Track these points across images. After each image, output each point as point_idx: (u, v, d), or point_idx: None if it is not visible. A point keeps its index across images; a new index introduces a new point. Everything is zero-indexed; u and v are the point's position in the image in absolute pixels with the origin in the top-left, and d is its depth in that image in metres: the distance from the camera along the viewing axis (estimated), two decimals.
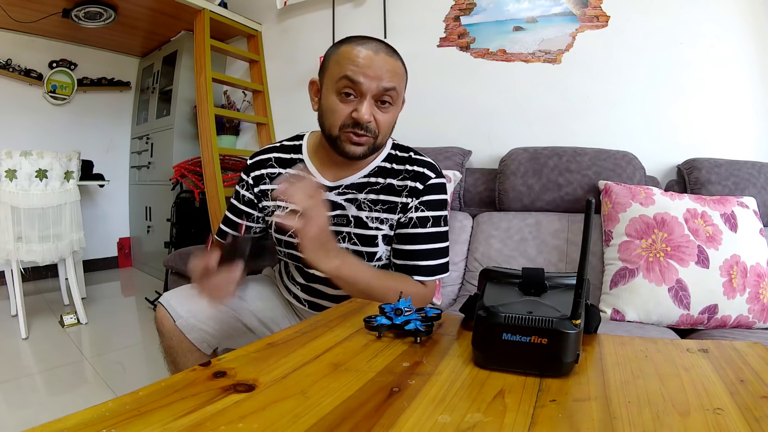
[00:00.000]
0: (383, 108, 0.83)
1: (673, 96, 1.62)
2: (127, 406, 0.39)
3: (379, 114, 0.82)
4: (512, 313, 0.47)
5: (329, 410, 0.39)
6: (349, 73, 0.79)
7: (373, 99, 0.81)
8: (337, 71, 0.81)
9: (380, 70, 0.79)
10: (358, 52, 0.80)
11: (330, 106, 0.83)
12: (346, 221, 0.91)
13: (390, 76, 0.81)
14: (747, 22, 1.51)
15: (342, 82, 0.80)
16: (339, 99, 0.81)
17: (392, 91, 0.81)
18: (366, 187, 0.91)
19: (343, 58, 0.81)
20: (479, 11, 1.92)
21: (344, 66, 0.80)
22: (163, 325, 0.89)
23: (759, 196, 1.34)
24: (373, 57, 0.79)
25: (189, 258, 1.47)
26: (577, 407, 0.41)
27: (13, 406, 1.46)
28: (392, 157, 0.94)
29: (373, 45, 0.81)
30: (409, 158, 0.93)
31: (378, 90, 0.80)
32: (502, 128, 1.89)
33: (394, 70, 0.82)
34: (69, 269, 2.22)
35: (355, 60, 0.79)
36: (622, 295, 1.20)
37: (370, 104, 0.80)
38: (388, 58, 0.81)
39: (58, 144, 2.81)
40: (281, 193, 0.72)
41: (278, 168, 0.95)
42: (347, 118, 0.81)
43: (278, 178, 0.94)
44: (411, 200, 0.90)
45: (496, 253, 1.48)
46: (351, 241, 0.91)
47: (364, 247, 0.91)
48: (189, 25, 2.58)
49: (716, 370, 0.49)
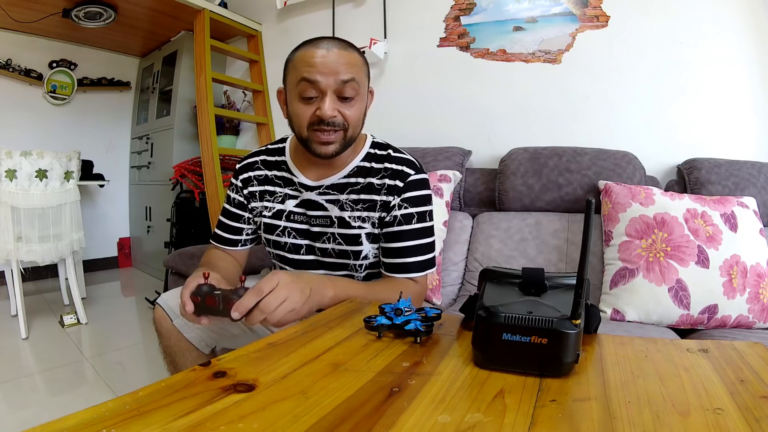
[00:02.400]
0: (347, 103, 0.84)
1: (673, 96, 1.62)
2: (127, 406, 0.39)
3: (344, 108, 0.84)
4: (512, 313, 0.47)
5: (329, 410, 0.39)
6: (306, 74, 0.81)
7: (335, 95, 0.82)
8: (295, 76, 0.83)
9: (335, 65, 0.81)
10: (311, 53, 0.82)
11: (294, 110, 0.85)
12: (330, 222, 0.93)
13: (346, 68, 0.82)
14: (747, 22, 1.51)
15: (301, 85, 0.82)
16: (302, 102, 0.83)
17: (352, 82, 0.82)
18: (347, 188, 0.93)
19: (299, 62, 0.83)
20: (479, 11, 1.92)
21: (300, 69, 0.82)
22: (161, 325, 0.89)
23: (759, 196, 1.34)
24: (325, 54, 0.81)
25: (190, 263, 1.47)
26: (577, 407, 0.41)
27: (13, 406, 1.46)
28: (371, 156, 0.95)
29: (325, 43, 0.83)
30: (388, 156, 0.94)
31: (337, 85, 0.81)
32: (502, 128, 1.89)
33: (349, 62, 0.83)
34: (69, 269, 2.22)
35: (309, 61, 0.81)
36: (622, 295, 1.20)
37: (332, 99, 0.82)
38: (342, 52, 0.82)
39: (58, 144, 2.81)
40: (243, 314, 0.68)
41: (264, 170, 0.99)
42: (312, 117, 0.83)
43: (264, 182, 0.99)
44: (393, 198, 0.91)
45: (496, 253, 1.48)
46: (336, 241, 0.94)
47: (349, 246, 0.93)
48: (189, 25, 2.58)
49: (716, 370, 0.49)
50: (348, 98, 0.84)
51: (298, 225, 0.96)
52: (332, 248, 0.94)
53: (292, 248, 0.97)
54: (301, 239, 0.96)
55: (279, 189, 0.97)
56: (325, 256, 0.96)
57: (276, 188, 0.97)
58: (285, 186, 0.96)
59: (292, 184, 0.96)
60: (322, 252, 0.96)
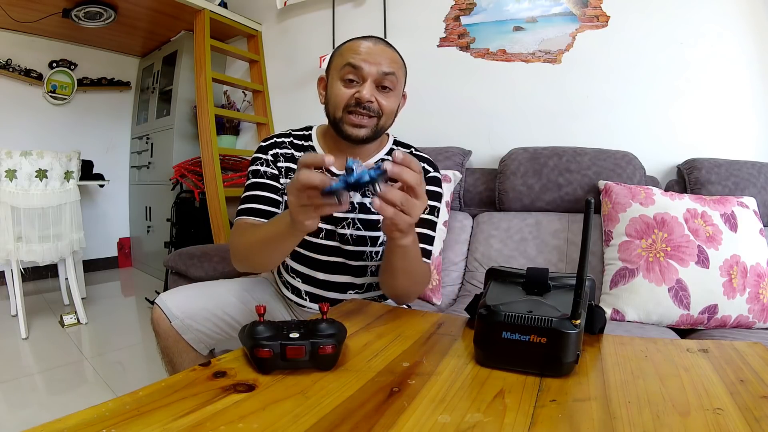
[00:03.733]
0: (385, 93, 0.88)
1: (673, 96, 1.62)
2: (127, 406, 0.39)
3: (381, 97, 0.88)
4: (512, 312, 0.47)
5: (329, 410, 0.39)
6: (352, 60, 0.86)
7: (374, 83, 0.87)
8: (341, 61, 0.88)
9: (380, 57, 0.87)
10: (359, 43, 0.88)
11: (334, 91, 0.89)
12: (351, 207, 0.94)
13: (389, 62, 0.87)
14: (747, 21, 1.51)
15: (345, 69, 0.87)
16: (343, 84, 0.88)
17: (392, 76, 0.87)
18: None
19: (346, 50, 0.89)
20: (479, 11, 1.92)
21: (346, 56, 0.87)
22: (159, 325, 0.89)
23: (759, 196, 1.34)
24: (372, 47, 0.88)
25: (190, 263, 1.47)
26: (577, 407, 0.41)
27: (13, 406, 1.46)
28: (394, 152, 0.95)
29: (373, 38, 0.90)
30: (410, 153, 0.96)
31: (378, 74, 0.86)
32: (502, 128, 1.89)
33: (392, 58, 0.89)
34: (69, 269, 2.22)
35: (356, 50, 0.87)
36: (622, 295, 1.20)
37: (371, 86, 0.87)
38: (386, 48, 0.89)
39: (58, 144, 2.81)
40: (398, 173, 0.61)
41: (292, 150, 0.98)
42: (350, 99, 0.87)
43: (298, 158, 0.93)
44: None
45: (496, 253, 1.48)
46: (355, 227, 0.94)
47: (367, 231, 0.95)
48: (189, 25, 2.58)
49: (716, 370, 0.49)
50: (386, 88, 0.88)
51: None
52: (350, 234, 0.94)
53: (314, 231, 0.95)
54: (322, 222, 0.95)
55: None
56: (344, 242, 0.95)
57: None
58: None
59: (318, 169, 0.95)
60: (341, 238, 0.95)
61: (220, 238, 2.23)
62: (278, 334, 0.48)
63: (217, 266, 1.47)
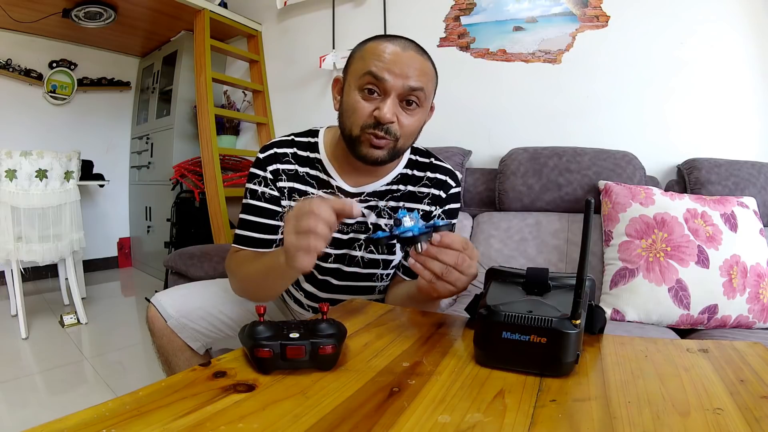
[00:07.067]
0: (408, 109, 0.76)
1: (673, 96, 1.62)
2: (127, 406, 0.39)
3: (404, 116, 0.76)
4: (512, 312, 0.47)
5: (329, 410, 0.39)
6: (374, 68, 0.73)
7: (397, 98, 0.75)
8: (361, 67, 0.75)
9: (407, 68, 0.73)
10: (384, 47, 0.74)
11: (351, 104, 0.77)
12: (365, 228, 0.87)
13: (418, 74, 0.74)
14: (747, 22, 1.51)
15: (365, 78, 0.74)
16: (361, 96, 0.75)
17: (419, 91, 0.75)
18: (387, 195, 0.88)
19: (368, 54, 0.75)
20: (479, 11, 1.92)
21: (368, 62, 0.74)
22: (154, 324, 0.88)
23: (759, 196, 1.34)
24: (400, 53, 0.73)
25: (190, 263, 1.47)
26: (577, 407, 0.41)
27: (13, 406, 1.46)
28: (413, 162, 0.91)
29: (402, 41, 0.76)
30: (431, 164, 0.91)
31: (403, 89, 0.74)
32: (502, 128, 1.89)
33: (422, 69, 0.75)
34: (69, 269, 2.22)
35: (380, 55, 0.73)
36: (622, 295, 1.20)
37: (394, 103, 0.74)
38: (416, 56, 0.75)
39: (58, 144, 2.80)
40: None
41: (296, 165, 0.86)
42: (369, 118, 0.75)
43: (303, 188, 0.86)
44: (434, 208, 0.89)
45: (496, 253, 1.48)
46: (367, 249, 0.88)
47: (381, 255, 0.89)
48: (189, 25, 2.58)
49: (716, 370, 0.49)
50: (410, 105, 0.76)
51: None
52: (361, 256, 0.88)
53: (321, 256, 0.85)
54: (329, 247, 0.87)
55: (311, 189, 0.86)
56: (352, 265, 0.89)
57: (308, 188, 0.86)
58: (318, 187, 0.86)
59: (328, 187, 0.86)
60: (350, 260, 0.89)
61: (220, 238, 2.23)
62: (278, 334, 0.48)
63: (217, 266, 1.47)
